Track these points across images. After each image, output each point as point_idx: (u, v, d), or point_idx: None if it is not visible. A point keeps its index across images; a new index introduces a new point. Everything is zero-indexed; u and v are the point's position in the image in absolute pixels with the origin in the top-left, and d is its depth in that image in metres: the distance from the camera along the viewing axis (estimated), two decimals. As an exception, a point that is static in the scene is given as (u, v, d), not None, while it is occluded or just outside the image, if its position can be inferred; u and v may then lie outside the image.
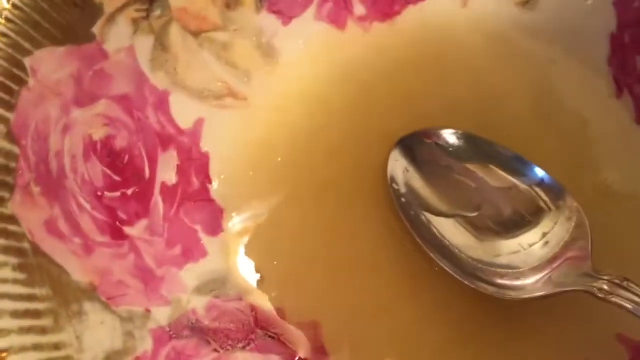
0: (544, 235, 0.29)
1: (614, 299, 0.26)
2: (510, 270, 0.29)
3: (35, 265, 0.24)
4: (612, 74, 0.34)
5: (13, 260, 0.23)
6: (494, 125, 0.33)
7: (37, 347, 0.22)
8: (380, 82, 0.34)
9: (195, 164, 0.32)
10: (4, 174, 0.24)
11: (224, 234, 0.31)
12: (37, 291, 0.23)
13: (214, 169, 0.32)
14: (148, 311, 0.27)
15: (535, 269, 0.28)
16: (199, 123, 0.32)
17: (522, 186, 0.30)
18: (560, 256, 0.28)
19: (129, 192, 0.29)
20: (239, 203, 0.32)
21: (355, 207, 0.32)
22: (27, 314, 0.22)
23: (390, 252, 0.32)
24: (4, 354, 0.21)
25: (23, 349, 0.21)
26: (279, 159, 0.33)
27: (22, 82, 0.26)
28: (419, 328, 0.30)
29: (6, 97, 0.25)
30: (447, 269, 0.29)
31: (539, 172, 0.30)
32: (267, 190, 0.32)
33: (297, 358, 0.29)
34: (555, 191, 0.29)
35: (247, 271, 0.31)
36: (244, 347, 0.29)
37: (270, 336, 0.29)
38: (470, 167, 0.31)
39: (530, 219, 0.29)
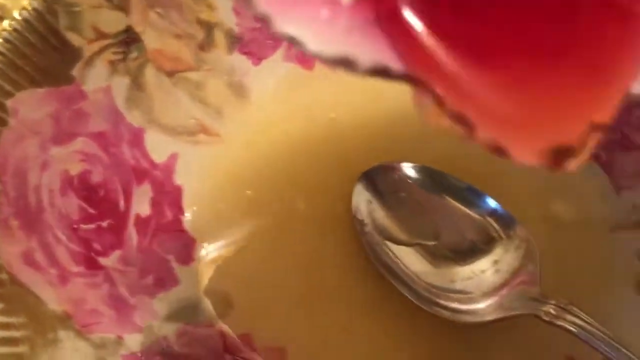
0: (495, 262, 0.31)
1: (559, 322, 0.28)
2: (463, 295, 0.30)
3: (13, 295, 0.25)
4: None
5: (-9, 290, 0.24)
6: (452, 159, 0.35)
7: (13, 373, 0.23)
8: (346, 118, 0.37)
9: (169, 197, 0.33)
10: (-16, 209, 0.26)
11: (195, 263, 0.33)
12: (14, 320, 0.25)
13: (186, 201, 0.34)
14: (120, 338, 0.28)
15: (487, 294, 0.30)
16: (173, 158, 0.34)
17: (475, 216, 0.32)
18: (510, 282, 0.30)
19: (104, 224, 0.31)
20: (210, 234, 0.33)
21: (322, 236, 0.34)
22: (3, 341, 0.24)
23: (356, 280, 0.33)
24: (-19, 379, 0.22)
25: (-1, 375, 0.23)
26: (248, 192, 0.35)
27: (3, 123, 0.27)
28: (385, 353, 0.32)
29: (-13, 136, 0.27)
30: (406, 294, 0.31)
31: (491, 203, 0.32)
32: (237, 221, 0.34)
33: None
34: (507, 221, 0.31)
35: (216, 299, 0.32)
36: (213, 372, 0.30)
37: (238, 361, 0.31)
38: (429, 198, 0.33)
39: (483, 247, 0.31)
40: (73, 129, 0.30)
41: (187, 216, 0.33)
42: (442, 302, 0.30)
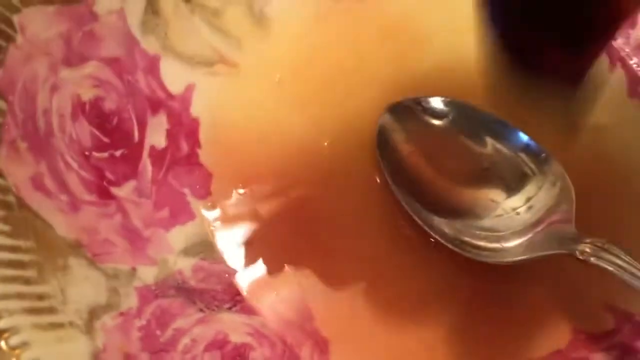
0: (528, 199, 0.29)
1: (596, 261, 0.26)
2: (492, 234, 0.29)
3: (20, 219, 0.24)
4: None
5: (-3, 211, 0.23)
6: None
7: (20, 296, 0.22)
8: (373, 48, 0.35)
9: (185, 129, 0.32)
10: (-10, 127, 0.24)
11: (212, 197, 0.31)
12: (21, 243, 0.24)
13: (203, 134, 0.32)
14: (134, 269, 0.27)
15: (518, 233, 0.28)
16: (190, 89, 0.32)
17: (507, 152, 0.30)
18: (543, 220, 0.28)
19: (117, 153, 0.29)
20: (227, 168, 0.32)
21: (345, 172, 0.32)
22: (10, 264, 0.23)
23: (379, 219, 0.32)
24: (-14, 301, 0.21)
25: (6, 297, 0.22)
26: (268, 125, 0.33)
27: (10, 39, 0.26)
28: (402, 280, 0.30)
29: (-7, 52, 0.25)
30: (431, 232, 0.29)
31: (524, 138, 0.30)
32: (255, 155, 0.32)
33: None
34: (540, 156, 0.30)
35: (234, 235, 0.31)
36: (229, 308, 0.29)
37: (255, 298, 0.30)
38: (456, 132, 0.31)
39: (515, 184, 0.29)
40: (84, 52, 0.29)
41: (204, 150, 0.32)
42: (468, 239, 0.29)
